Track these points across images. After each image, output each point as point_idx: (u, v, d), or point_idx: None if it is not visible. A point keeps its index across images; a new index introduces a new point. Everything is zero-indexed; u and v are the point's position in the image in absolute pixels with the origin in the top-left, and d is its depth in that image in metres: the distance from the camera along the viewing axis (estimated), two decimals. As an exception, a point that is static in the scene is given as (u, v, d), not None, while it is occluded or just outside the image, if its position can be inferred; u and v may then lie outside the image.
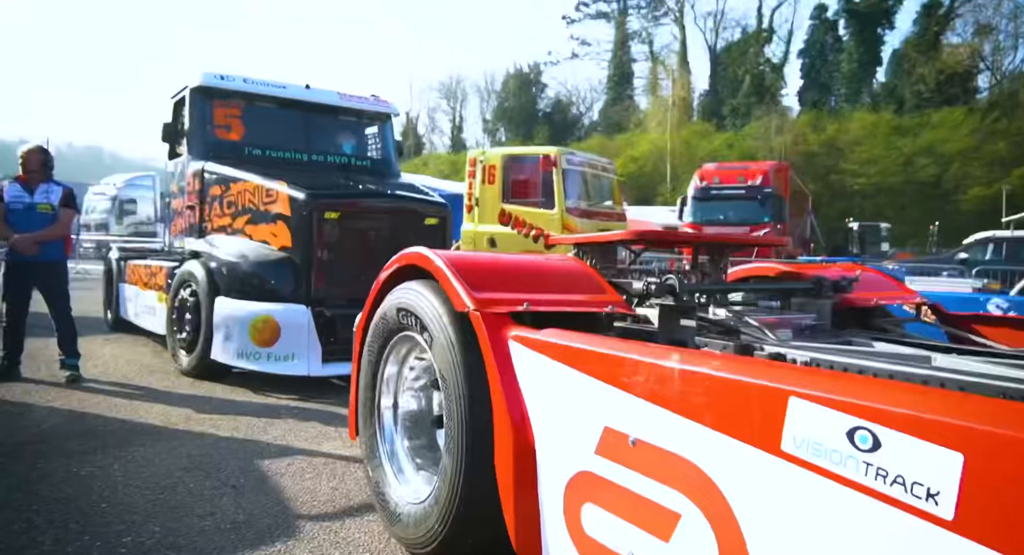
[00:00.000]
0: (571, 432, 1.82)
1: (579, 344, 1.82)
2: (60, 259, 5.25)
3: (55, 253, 5.19)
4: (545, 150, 10.17)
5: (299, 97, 6.58)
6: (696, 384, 1.42)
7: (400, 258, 2.66)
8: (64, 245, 5.27)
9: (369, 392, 2.78)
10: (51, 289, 5.21)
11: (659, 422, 1.52)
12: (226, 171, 5.87)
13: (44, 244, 5.08)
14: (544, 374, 1.92)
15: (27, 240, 5.01)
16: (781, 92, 45.44)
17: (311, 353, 5.03)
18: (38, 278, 5.15)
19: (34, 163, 5.13)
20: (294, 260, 5.23)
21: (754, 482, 1.29)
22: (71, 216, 5.23)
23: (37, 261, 5.09)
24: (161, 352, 6.66)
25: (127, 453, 3.54)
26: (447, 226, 5.86)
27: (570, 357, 1.83)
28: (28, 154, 5.14)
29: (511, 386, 2.01)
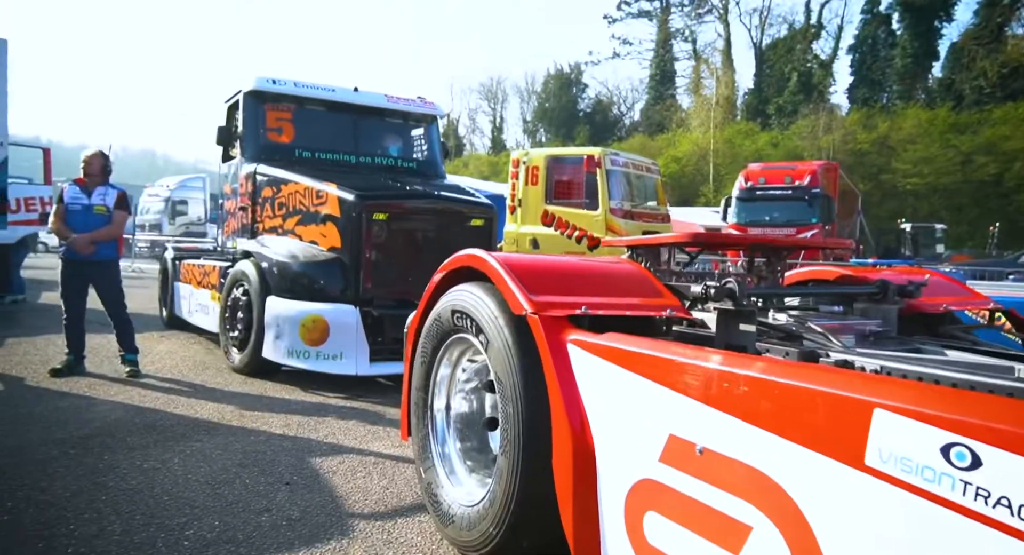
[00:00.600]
0: (633, 438, 1.79)
1: (643, 349, 1.79)
2: (113, 258, 5.42)
3: (109, 252, 5.37)
4: (589, 151, 10.10)
5: (348, 100, 6.68)
6: (772, 394, 1.38)
7: (454, 260, 2.67)
8: (117, 245, 5.44)
9: (422, 393, 2.79)
10: (105, 287, 5.40)
11: (730, 431, 1.48)
12: (277, 173, 5.99)
13: (99, 244, 5.26)
14: (605, 378, 1.90)
15: (83, 240, 5.21)
16: (830, 89, 44.33)
17: (359, 353, 5.09)
18: (92, 276, 5.33)
19: (95, 167, 5.33)
20: (343, 260, 5.30)
21: (834, 496, 1.25)
22: (124, 217, 5.41)
23: (91, 260, 5.28)
24: (213, 349, 6.84)
25: (185, 447, 3.64)
26: (493, 227, 5.87)
27: (633, 362, 1.80)
28: (90, 158, 5.34)
29: (570, 390, 1.99)
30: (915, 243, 26.16)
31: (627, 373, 1.81)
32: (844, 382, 1.30)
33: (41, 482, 3.05)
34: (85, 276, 5.31)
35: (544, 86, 56.75)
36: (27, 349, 6.44)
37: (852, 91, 44.01)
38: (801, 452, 1.31)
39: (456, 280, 2.67)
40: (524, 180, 10.31)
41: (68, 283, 5.33)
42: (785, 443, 1.35)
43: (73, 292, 5.34)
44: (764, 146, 39.76)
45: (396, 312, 5.36)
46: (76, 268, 5.30)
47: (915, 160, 33.24)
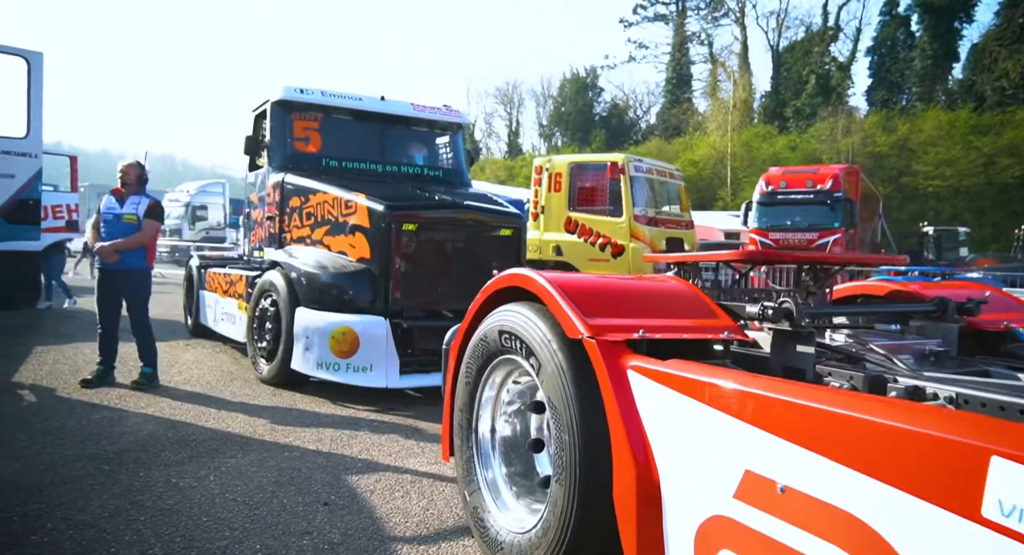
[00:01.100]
0: (704, 472, 1.71)
1: (715, 380, 1.72)
2: (139, 268, 5.37)
3: (134, 261, 5.33)
4: (612, 157, 10.02)
5: (374, 109, 6.65)
6: (871, 435, 1.30)
7: (501, 279, 2.61)
8: (145, 254, 5.39)
9: (466, 414, 2.73)
10: (130, 296, 5.38)
11: (817, 471, 1.40)
12: (305, 183, 5.97)
13: (125, 253, 5.26)
14: (671, 408, 1.82)
15: (107, 248, 5.23)
16: (848, 92, 43.90)
17: (389, 365, 5.04)
18: (120, 285, 5.33)
19: (131, 176, 5.34)
20: (372, 271, 5.26)
21: (944, 549, 1.17)
22: (153, 227, 5.35)
23: (118, 268, 5.28)
24: (240, 359, 6.83)
25: (220, 464, 3.60)
26: (522, 237, 5.81)
27: (704, 393, 1.72)
28: (126, 168, 5.36)
29: (632, 419, 1.92)
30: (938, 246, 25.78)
31: (696, 404, 1.73)
32: (954, 425, 1.22)
33: (78, 501, 3.02)
34: (114, 285, 5.32)
35: (560, 90, 56.72)
36: (56, 358, 6.46)
37: (870, 93, 43.55)
38: (903, 498, 1.23)
39: (502, 299, 2.61)
40: (547, 187, 10.25)
41: (100, 292, 5.35)
42: (884, 487, 1.27)
43: (104, 301, 5.36)
44: (782, 149, 39.44)
45: (426, 324, 5.32)
46: (106, 277, 5.33)
47: (936, 162, 32.80)
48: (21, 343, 7.23)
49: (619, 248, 9.69)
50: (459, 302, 5.58)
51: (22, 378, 5.53)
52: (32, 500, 3.02)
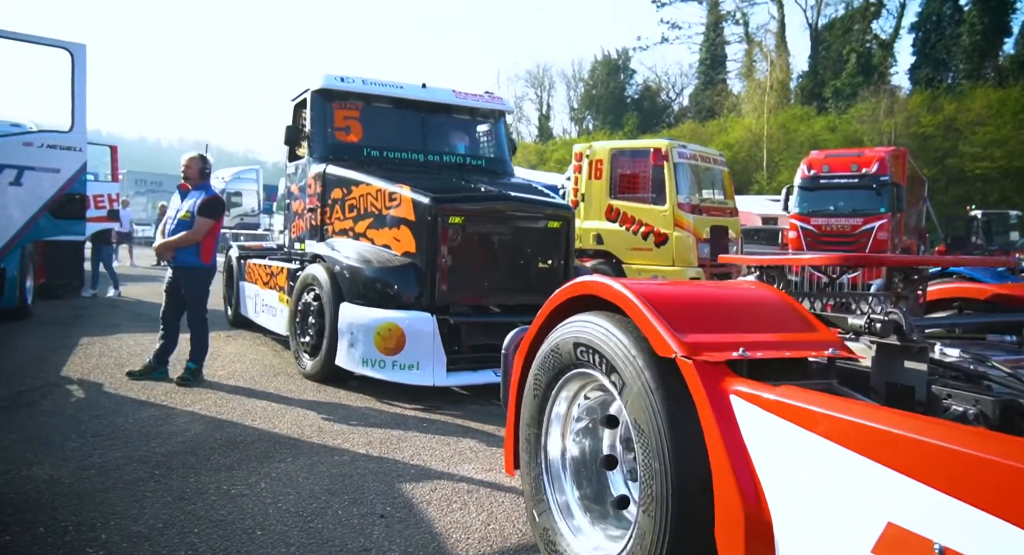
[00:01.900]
0: (832, 518, 1.52)
1: (845, 415, 1.51)
2: (193, 265, 5.29)
3: (187, 258, 5.27)
4: (655, 143, 9.71)
5: (416, 96, 6.47)
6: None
7: (574, 286, 2.41)
8: (198, 252, 5.29)
9: (534, 429, 2.56)
10: (186, 293, 5.33)
11: (990, 534, 1.19)
12: (348, 174, 5.83)
13: (178, 250, 5.20)
14: (786, 442, 1.62)
15: (159, 246, 5.25)
16: (890, 71, 42.42)
17: (436, 362, 4.90)
18: (178, 281, 5.29)
19: (192, 170, 5.29)
20: (418, 265, 5.11)
21: None
22: (206, 224, 5.23)
23: (175, 265, 5.27)
24: (281, 351, 6.77)
25: (270, 469, 3.50)
26: (571, 229, 5.60)
27: (830, 428, 1.52)
28: (189, 162, 5.30)
29: (737, 450, 1.72)
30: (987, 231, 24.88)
31: (821, 440, 1.53)
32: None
33: (131, 510, 2.94)
34: (175, 281, 5.30)
35: (591, 73, 55.89)
36: (101, 350, 6.47)
37: (914, 72, 42.04)
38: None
39: (575, 307, 2.42)
40: (587, 174, 9.99)
41: (166, 287, 5.35)
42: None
43: (166, 295, 5.37)
44: (820, 131, 38.39)
45: (473, 320, 5.16)
46: (172, 274, 5.33)
47: (984, 143, 31.59)
48: (68, 335, 7.28)
49: (662, 237, 9.41)
50: (506, 297, 5.43)
51: (70, 372, 5.53)
52: (85, 508, 2.94)
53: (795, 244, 17.51)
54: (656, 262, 9.41)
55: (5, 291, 7.37)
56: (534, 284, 5.45)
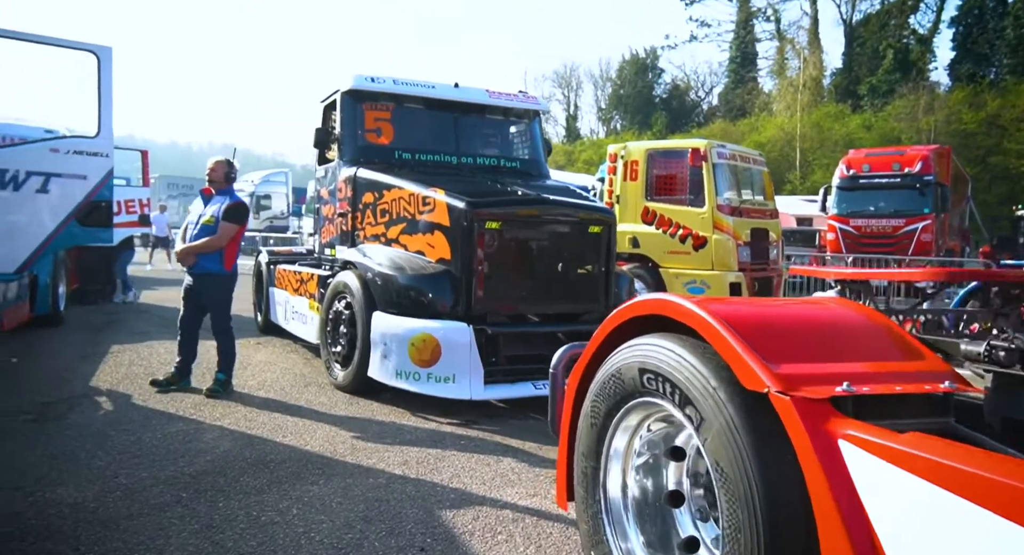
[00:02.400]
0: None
1: (1002, 478, 1.23)
2: (215, 272, 5.12)
3: (209, 265, 5.10)
4: (693, 143, 9.37)
5: (448, 96, 6.26)
6: None
7: (640, 305, 2.16)
8: (221, 258, 5.11)
9: (591, 462, 2.31)
10: (207, 301, 5.18)
11: None
12: (379, 177, 5.64)
13: (200, 256, 5.06)
14: (917, 501, 1.36)
15: (180, 252, 5.11)
16: (929, 67, 41.20)
17: (473, 375, 4.68)
18: (198, 289, 5.15)
19: (218, 174, 5.15)
20: (453, 273, 4.89)
21: None
22: (230, 230, 5.09)
23: (195, 272, 5.12)
24: (312, 360, 6.62)
25: (302, 493, 3.30)
26: (612, 234, 5.33)
27: (979, 491, 1.25)
28: (214, 166, 5.16)
29: (850, 505, 1.46)
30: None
31: (969, 505, 1.26)
32: None
33: (156, 540, 2.76)
34: (195, 288, 5.15)
35: (619, 72, 55.40)
36: (131, 358, 6.38)
37: (953, 67, 40.81)
38: None
39: (639, 327, 2.17)
40: (622, 175, 9.69)
41: (183, 293, 5.22)
42: None
43: (184, 302, 5.24)
44: (856, 129, 37.44)
45: (511, 330, 4.93)
46: (189, 280, 5.20)
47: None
48: (99, 342, 7.22)
49: (701, 240, 9.07)
50: (545, 305, 5.19)
51: (99, 382, 5.42)
52: (109, 537, 2.77)
53: (834, 246, 16.99)
54: (694, 266, 9.08)
55: (37, 298, 7.34)
56: (574, 292, 5.20)
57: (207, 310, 5.19)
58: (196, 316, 5.21)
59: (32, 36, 4.71)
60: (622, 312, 2.22)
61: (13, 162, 4.85)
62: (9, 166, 4.83)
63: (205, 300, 5.15)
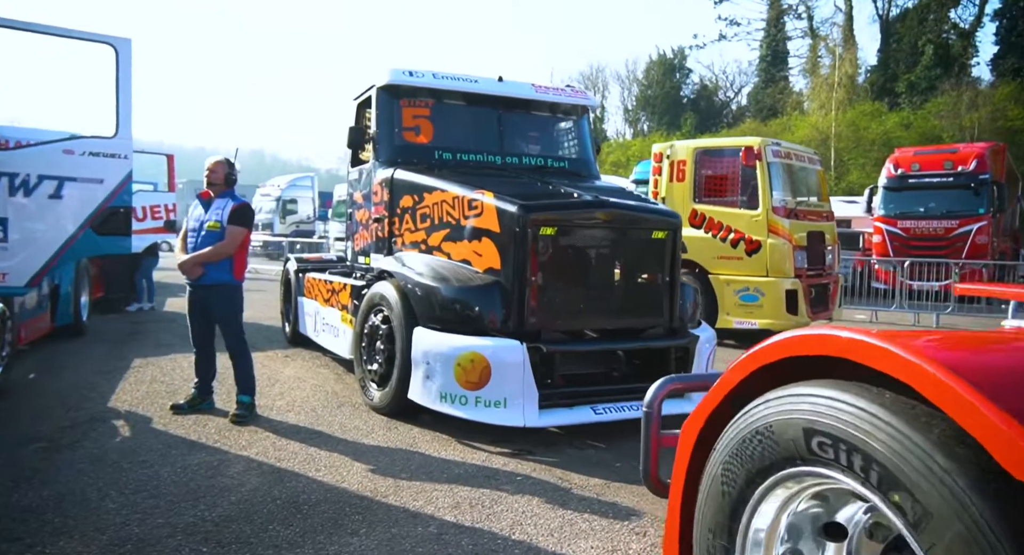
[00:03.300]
0: None
1: None
2: (226, 282, 4.64)
3: (219, 275, 4.60)
4: (746, 141, 8.76)
5: (492, 92, 5.77)
6: None
7: (801, 340, 1.62)
8: (231, 267, 4.64)
9: (720, 542, 1.78)
10: (218, 315, 4.72)
11: None
12: (419, 179, 5.16)
13: (208, 265, 4.59)
14: None
15: (187, 262, 4.61)
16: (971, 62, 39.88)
17: (527, 399, 4.16)
18: (206, 302, 4.69)
19: (218, 176, 4.67)
20: (503, 284, 4.38)
21: None
22: (239, 234, 4.58)
23: (202, 284, 4.64)
24: (344, 376, 6.16)
25: (340, 547, 2.82)
26: (677, 240, 4.79)
27: None
28: (214, 166, 4.69)
29: None
30: (1089, 233, 22.78)
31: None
32: None
33: (171, 614, 2.29)
34: (202, 302, 4.70)
35: (646, 73, 54.64)
36: (153, 374, 5.98)
37: (996, 62, 39.41)
38: None
39: (792, 369, 1.63)
40: (668, 176, 9.12)
41: (190, 309, 4.76)
42: None
43: (193, 319, 4.78)
44: (893, 128, 36.29)
45: (570, 348, 4.41)
46: (193, 293, 4.75)
47: (1084, 137, 29.15)
48: (121, 355, 6.85)
49: (754, 245, 8.46)
50: (603, 320, 4.65)
51: (118, 403, 5.02)
52: (113, 610, 2.30)
53: (880, 249, 16.19)
54: (747, 273, 8.47)
55: (59, 308, 7.02)
56: (635, 304, 4.67)
57: (219, 326, 4.74)
58: (208, 330, 4.78)
59: (43, 27, 4.33)
60: (770, 349, 1.68)
61: (23, 166, 4.46)
62: (19, 170, 4.43)
63: (215, 314, 4.69)
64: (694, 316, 5.02)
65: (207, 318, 4.74)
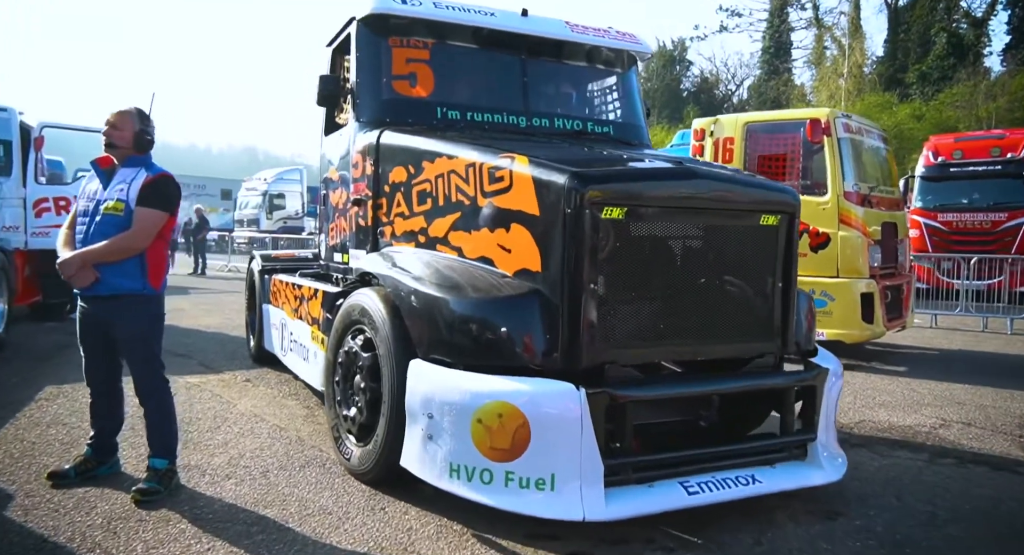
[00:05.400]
0: None
1: None
2: (134, 292, 3.10)
3: (122, 282, 3.07)
4: (812, 113, 7.28)
5: (513, 28, 4.24)
6: None
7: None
8: (143, 269, 3.10)
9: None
10: (122, 340, 3.17)
11: None
12: (416, 142, 3.65)
13: (106, 269, 3.05)
14: None
15: (71, 264, 3.02)
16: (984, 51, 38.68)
17: (586, 476, 2.65)
18: (105, 321, 3.15)
19: (123, 135, 3.11)
20: (545, 295, 2.86)
21: None
22: (155, 220, 3.05)
23: (96, 295, 3.09)
24: (317, 409, 4.65)
25: None
26: (794, 229, 3.29)
27: None
28: (117, 119, 3.12)
29: None
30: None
31: None
32: None
33: None
34: (99, 321, 3.16)
35: (646, 65, 53.17)
36: (58, 413, 4.46)
37: (1007, 52, 38.18)
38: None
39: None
40: (712, 156, 7.62)
41: (81, 332, 3.23)
42: None
43: (88, 346, 3.25)
44: (905, 119, 34.99)
45: (648, 393, 2.91)
46: (85, 310, 3.20)
47: (1109, 127, 27.85)
48: (31, 381, 5.33)
49: (822, 238, 6.98)
50: (692, 346, 3.14)
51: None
52: None
53: (918, 245, 14.72)
54: (812, 272, 6.94)
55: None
56: (735, 322, 3.15)
57: (123, 356, 3.22)
58: (108, 363, 3.26)
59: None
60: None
61: None
62: None
63: (118, 340, 3.17)
64: (810, 336, 3.52)
65: (108, 344, 3.21)
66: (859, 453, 4.02)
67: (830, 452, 3.28)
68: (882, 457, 4.05)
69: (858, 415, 5.02)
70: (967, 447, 4.29)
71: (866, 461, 3.93)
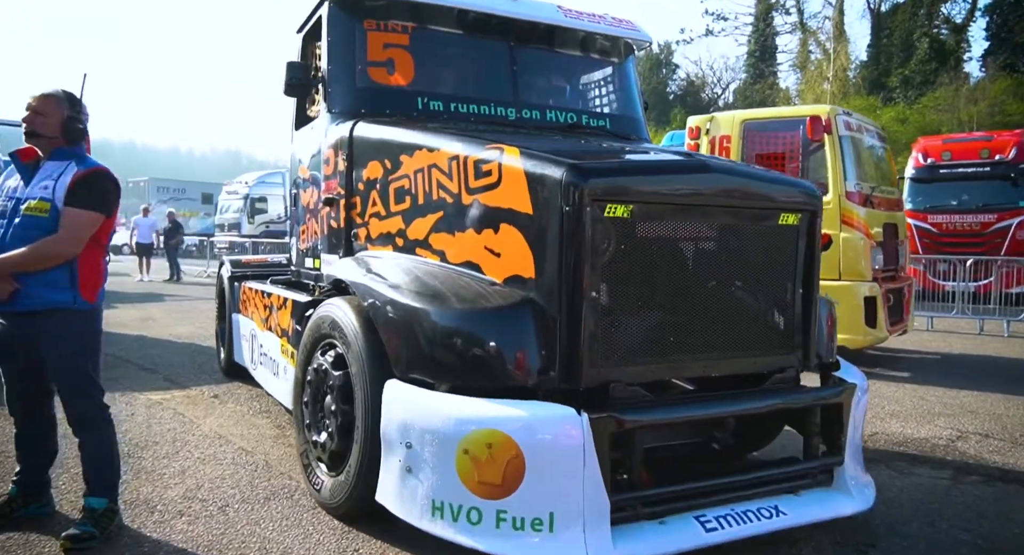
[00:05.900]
0: None
1: None
2: (62, 305, 2.67)
3: (48, 294, 2.64)
4: (812, 110, 7.00)
5: (502, 11, 3.88)
6: None
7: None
8: (73, 278, 2.67)
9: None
10: (49, 362, 2.73)
11: None
12: (393, 134, 3.28)
13: (28, 279, 2.61)
14: None
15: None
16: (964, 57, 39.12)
17: (589, 515, 2.29)
18: (31, 342, 2.70)
19: (49, 123, 2.70)
20: (540, 305, 2.49)
21: None
22: (87, 222, 2.65)
23: (14, 310, 2.65)
24: (288, 429, 4.26)
25: None
26: (816, 229, 2.97)
27: None
28: (41, 104, 2.71)
29: None
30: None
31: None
32: None
33: None
34: (21, 341, 2.73)
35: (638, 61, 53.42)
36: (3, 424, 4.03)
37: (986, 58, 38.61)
38: None
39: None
40: (708, 153, 7.32)
41: (1, 353, 2.80)
42: None
43: (7, 370, 2.84)
44: (889, 122, 35.10)
45: (657, 417, 2.55)
46: (4, 326, 2.74)
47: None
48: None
49: (823, 239, 6.68)
50: (703, 361, 2.80)
51: None
52: None
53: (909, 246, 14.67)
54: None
55: None
56: (751, 334, 2.81)
57: (53, 379, 2.81)
58: (35, 390, 2.84)
59: None
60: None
61: None
62: None
63: (46, 362, 2.75)
64: (832, 346, 3.19)
65: (33, 367, 2.78)
66: (879, 470, 3.71)
67: (857, 477, 2.94)
68: (903, 475, 3.74)
69: (870, 427, 4.70)
70: (991, 462, 3.99)
71: (887, 480, 3.61)
